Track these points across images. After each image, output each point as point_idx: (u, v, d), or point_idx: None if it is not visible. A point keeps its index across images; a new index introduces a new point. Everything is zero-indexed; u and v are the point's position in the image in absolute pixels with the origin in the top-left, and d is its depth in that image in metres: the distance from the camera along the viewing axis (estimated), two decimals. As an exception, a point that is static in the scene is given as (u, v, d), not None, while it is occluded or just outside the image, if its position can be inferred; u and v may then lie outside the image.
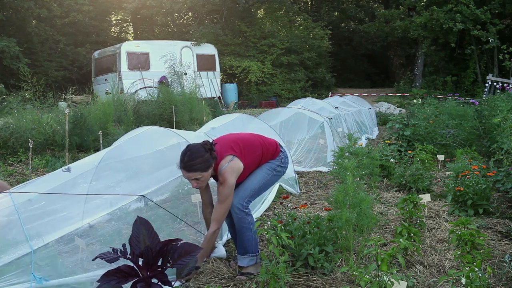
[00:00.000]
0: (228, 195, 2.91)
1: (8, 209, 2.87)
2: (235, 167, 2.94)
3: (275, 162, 3.21)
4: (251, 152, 3.08)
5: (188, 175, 2.85)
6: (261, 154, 3.13)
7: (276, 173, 3.22)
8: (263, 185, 3.14)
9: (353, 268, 2.51)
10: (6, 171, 6.27)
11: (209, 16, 22.75)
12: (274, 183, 3.32)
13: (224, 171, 2.90)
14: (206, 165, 2.83)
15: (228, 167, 2.91)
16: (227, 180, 2.89)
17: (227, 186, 2.89)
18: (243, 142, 3.11)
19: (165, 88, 11.63)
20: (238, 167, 2.96)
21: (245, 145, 3.08)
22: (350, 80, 26.40)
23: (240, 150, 3.02)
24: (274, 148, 3.23)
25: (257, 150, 3.12)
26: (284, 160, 3.27)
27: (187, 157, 2.81)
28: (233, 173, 2.92)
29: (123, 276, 2.13)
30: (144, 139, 4.10)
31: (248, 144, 3.11)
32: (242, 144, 3.08)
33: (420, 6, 20.14)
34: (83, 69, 19.25)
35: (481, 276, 2.38)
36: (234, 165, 2.94)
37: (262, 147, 3.15)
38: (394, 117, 8.57)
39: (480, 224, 3.90)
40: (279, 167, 3.22)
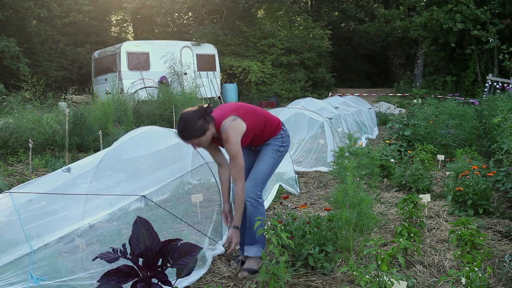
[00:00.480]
0: (235, 152, 2.97)
1: (8, 209, 2.87)
2: (238, 126, 2.99)
3: (277, 142, 3.26)
4: (254, 117, 3.13)
5: (185, 142, 2.97)
6: (264, 122, 3.18)
7: (280, 153, 3.28)
8: (271, 168, 3.23)
9: (353, 268, 2.51)
10: (6, 171, 6.27)
11: (209, 16, 22.74)
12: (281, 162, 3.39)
13: (226, 129, 2.95)
14: (200, 131, 2.90)
15: (230, 125, 2.97)
16: (230, 137, 2.95)
17: (231, 143, 2.95)
18: (246, 107, 3.20)
19: (165, 88, 11.63)
20: (241, 126, 3.01)
21: (248, 111, 3.15)
22: (350, 80, 26.39)
23: (243, 113, 3.08)
24: (276, 123, 3.28)
25: (260, 117, 3.19)
26: (286, 139, 3.30)
27: (181, 127, 2.91)
28: (235, 131, 2.97)
29: (123, 276, 2.13)
30: (144, 139, 4.10)
31: (251, 110, 3.18)
32: (245, 108, 3.17)
33: (420, 6, 20.14)
34: (83, 69, 19.24)
35: (481, 276, 2.38)
36: (236, 124, 2.99)
37: (265, 117, 3.21)
38: (394, 117, 8.57)
39: (480, 224, 3.90)
40: (281, 147, 3.27)
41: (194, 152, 3.93)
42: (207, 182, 4.48)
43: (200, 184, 4.60)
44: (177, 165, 4.15)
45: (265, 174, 3.19)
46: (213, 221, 3.68)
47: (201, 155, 3.84)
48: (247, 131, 3.05)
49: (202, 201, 3.83)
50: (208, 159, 3.85)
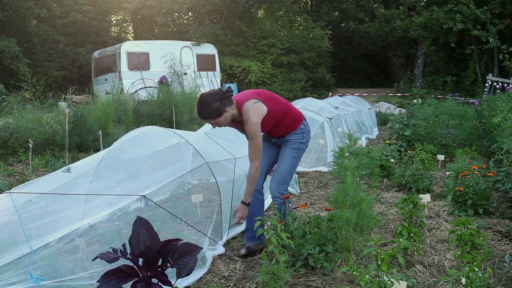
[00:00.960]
0: (254, 132, 3.09)
1: (8, 210, 2.87)
2: (259, 108, 3.11)
3: (297, 137, 3.37)
4: (275, 103, 3.25)
5: (203, 121, 3.23)
6: (285, 110, 3.29)
7: (300, 150, 3.41)
8: (293, 167, 3.38)
9: (353, 268, 2.51)
10: (6, 171, 6.27)
11: (209, 16, 22.74)
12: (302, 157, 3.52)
13: (247, 111, 3.09)
14: (216, 113, 3.06)
15: (251, 107, 3.09)
16: (250, 118, 3.07)
17: (251, 123, 3.07)
18: (268, 93, 3.32)
19: (165, 88, 11.63)
20: (262, 108, 3.12)
21: (269, 96, 3.28)
22: (350, 80, 26.39)
23: (264, 97, 3.21)
24: (298, 115, 3.40)
25: (281, 105, 3.30)
26: (306, 134, 3.41)
27: (198, 107, 3.09)
28: (256, 113, 3.09)
29: (123, 276, 2.12)
30: (144, 139, 4.10)
31: (272, 96, 3.30)
32: (267, 94, 3.29)
33: (420, 6, 20.14)
34: (83, 69, 19.23)
35: (481, 276, 2.38)
36: (257, 106, 3.11)
37: (286, 106, 3.33)
38: (394, 117, 8.57)
39: (480, 224, 3.90)
40: (301, 144, 3.38)
41: (194, 152, 3.94)
42: (207, 182, 4.47)
43: (200, 184, 4.60)
44: (177, 165, 4.14)
45: (287, 174, 3.35)
46: (213, 221, 3.69)
47: (201, 155, 3.84)
48: (268, 115, 3.15)
49: (202, 201, 3.83)
50: (208, 159, 3.86)
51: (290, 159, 3.35)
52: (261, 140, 3.13)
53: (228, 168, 4.17)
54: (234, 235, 3.82)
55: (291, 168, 3.37)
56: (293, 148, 3.36)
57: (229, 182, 4.03)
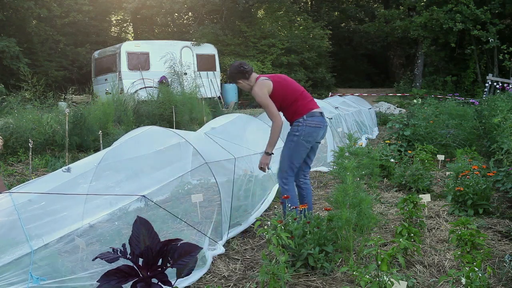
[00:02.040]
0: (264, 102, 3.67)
1: (8, 209, 2.87)
2: (264, 84, 3.71)
3: (292, 130, 3.75)
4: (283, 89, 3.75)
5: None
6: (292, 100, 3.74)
7: (295, 143, 3.70)
8: (289, 156, 3.71)
9: (353, 268, 2.51)
10: (6, 171, 6.27)
11: (209, 16, 22.74)
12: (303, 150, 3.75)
13: (254, 86, 3.76)
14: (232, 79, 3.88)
15: (258, 82, 3.74)
16: (256, 91, 3.70)
17: (256, 94, 3.70)
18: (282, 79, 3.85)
19: (165, 88, 11.62)
20: (268, 85, 3.71)
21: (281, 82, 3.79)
22: (350, 80, 26.38)
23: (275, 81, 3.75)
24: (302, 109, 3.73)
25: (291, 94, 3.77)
26: (301, 128, 3.69)
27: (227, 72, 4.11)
28: (261, 87, 3.69)
29: (123, 276, 2.12)
30: (144, 139, 4.10)
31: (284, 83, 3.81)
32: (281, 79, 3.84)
33: (420, 6, 20.13)
34: (83, 69, 19.23)
35: (481, 276, 2.38)
36: (263, 82, 3.72)
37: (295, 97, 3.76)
38: (394, 117, 8.57)
39: (480, 224, 3.90)
40: (295, 137, 3.71)
41: (194, 152, 3.94)
42: (207, 182, 4.48)
43: (200, 184, 4.60)
44: (177, 165, 4.15)
45: (284, 163, 3.73)
46: (213, 221, 3.69)
47: (201, 155, 3.84)
48: (273, 94, 3.69)
49: (202, 201, 3.83)
50: (208, 159, 3.86)
51: (286, 150, 3.74)
52: (272, 105, 3.65)
53: (228, 168, 4.17)
54: (234, 235, 3.82)
55: (287, 158, 3.71)
56: (288, 140, 3.75)
57: (229, 182, 4.03)
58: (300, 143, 3.68)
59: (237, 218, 3.95)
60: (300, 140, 3.67)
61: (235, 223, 3.90)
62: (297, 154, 3.70)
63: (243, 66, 3.80)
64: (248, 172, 4.76)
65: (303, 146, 3.70)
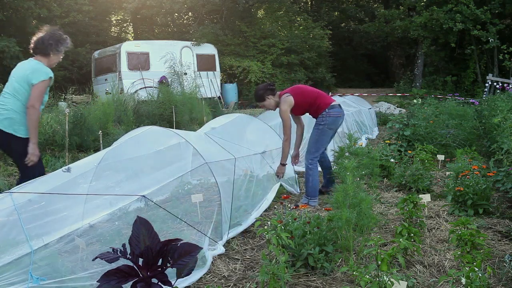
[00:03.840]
0: (284, 117, 4.66)
1: (8, 209, 2.87)
2: (288, 100, 4.66)
3: (318, 121, 4.72)
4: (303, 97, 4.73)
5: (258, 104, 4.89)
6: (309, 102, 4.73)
7: (320, 130, 4.72)
8: (316, 141, 4.74)
9: (353, 268, 2.51)
10: (6, 171, 6.27)
11: (209, 16, 22.74)
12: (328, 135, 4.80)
13: (280, 102, 4.70)
14: (260, 98, 4.77)
15: (282, 100, 4.68)
16: (280, 106, 4.68)
17: (281, 111, 4.66)
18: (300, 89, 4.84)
19: (165, 88, 11.62)
20: (290, 101, 4.66)
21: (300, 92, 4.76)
22: (350, 80, 26.39)
23: (294, 93, 4.72)
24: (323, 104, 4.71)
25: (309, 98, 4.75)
26: (325, 118, 4.69)
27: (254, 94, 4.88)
28: (285, 103, 4.65)
29: (123, 276, 2.12)
30: (144, 139, 4.10)
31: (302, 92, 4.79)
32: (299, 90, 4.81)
33: (420, 6, 20.14)
34: (83, 69, 19.23)
35: (481, 276, 2.38)
36: (287, 99, 4.67)
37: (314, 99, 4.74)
38: (394, 117, 8.57)
39: (480, 224, 3.90)
40: (320, 125, 4.71)
41: (194, 152, 3.94)
42: (207, 182, 4.47)
43: (200, 184, 4.60)
44: (177, 165, 4.15)
45: (311, 147, 4.75)
46: (213, 221, 3.69)
47: (201, 155, 3.84)
48: (296, 105, 4.68)
49: (202, 201, 3.83)
50: (208, 159, 3.86)
51: (313, 136, 4.75)
52: (289, 122, 4.66)
53: (228, 168, 4.17)
54: (234, 235, 3.82)
55: (314, 142, 4.72)
56: (315, 129, 4.74)
57: (229, 182, 4.03)
58: (325, 131, 4.69)
59: (237, 218, 3.95)
60: (325, 128, 4.68)
61: (236, 223, 3.90)
62: (323, 140, 4.75)
63: (270, 85, 4.77)
64: (248, 172, 4.76)
65: (327, 133, 4.72)
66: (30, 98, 3.70)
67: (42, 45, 3.82)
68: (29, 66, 3.80)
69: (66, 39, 3.94)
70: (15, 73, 3.85)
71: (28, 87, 3.72)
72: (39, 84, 3.71)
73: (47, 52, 3.83)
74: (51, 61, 3.88)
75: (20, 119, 3.72)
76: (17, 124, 3.72)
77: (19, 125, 3.72)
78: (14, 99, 3.73)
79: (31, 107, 3.69)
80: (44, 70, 3.77)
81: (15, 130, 3.71)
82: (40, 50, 3.83)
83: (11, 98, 3.74)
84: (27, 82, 3.72)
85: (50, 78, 3.80)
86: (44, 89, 3.75)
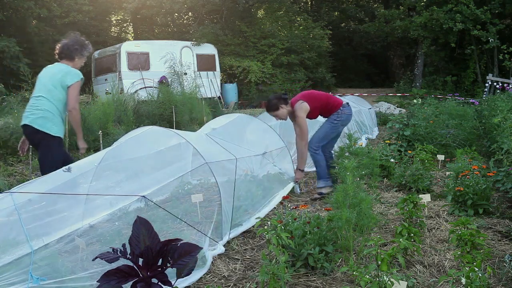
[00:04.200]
0: (301, 123, 4.86)
1: (8, 209, 2.87)
2: (303, 107, 4.87)
3: (333, 116, 4.99)
4: (316, 101, 4.96)
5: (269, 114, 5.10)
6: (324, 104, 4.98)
7: (333, 124, 5.01)
8: (325, 134, 5.00)
9: (353, 268, 2.51)
10: (6, 171, 6.27)
11: (209, 16, 22.73)
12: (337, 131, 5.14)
13: (296, 109, 4.90)
14: (274, 107, 4.94)
15: (298, 106, 4.88)
16: (298, 113, 4.87)
17: (298, 117, 4.87)
18: (312, 95, 5.06)
19: (165, 88, 11.61)
20: (306, 107, 4.88)
21: (311, 97, 4.99)
22: (350, 80, 26.39)
23: (307, 99, 4.94)
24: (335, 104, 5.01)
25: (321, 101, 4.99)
26: (340, 115, 4.99)
27: (266, 104, 5.08)
28: (301, 110, 4.86)
29: (123, 276, 2.12)
30: (145, 139, 4.10)
31: (313, 96, 5.01)
32: (311, 95, 5.04)
33: (420, 6, 20.13)
34: (83, 69, 19.11)
35: (481, 276, 2.38)
36: (302, 106, 4.88)
37: (326, 101, 5.02)
38: (394, 117, 8.56)
39: (480, 224, 3.90)
40: (335, 120, 5.00)
41: (194, 152, 3.94)
42: (207, 182, 4.48)
43: (200, 184, 4.60)
44: (177, 165, 4.15)
45: (321, 137, 4.99)
46: (213, 221, 3.69)
47: (201, 155, 3.84)
48: (311, 110, 4.90)
49: (202, 201, 3.83)
50: (208, 159, 3.86)
51: (324, 129, 5.02)
52: (306, 126, 4.89)
53: (228, 168, 4.17)
54: (235, 235, 3.82)
55: (323, 134, 4.98)
56: (328, 123, 5.01)
57: (229, 182, 4.03)
58: (338, 127, 5.04)
59: (238, 219, 3.95)
60: (338, 124, 5.00)
61: (236, 223, 3.90)
62: (331, 134, 5.03)
63: (284, 94, 5.03)
64: (248, 172, 4.76)
65: (339, 129, 5.10)
66: (69, 101, 4.05)
67: (68, 50, 4.19)
68: (59, 70, 4.11)
69: (89, 45, 4.39)
70: (44, 76, 4.14)
71: (61, 88, 4.05)
72: (74, 85, 4.07)
73: (73, 56, 4.21)
74: (76, 65, 4.24)
75: (52, 118, 4.04)
76: (50, 123, 4.03)
77: (52, 124, 4.04)
78: (47, 101, 4.03)
79: (73, 109, 4.08)
80: (75, 72, 4.14)
81: (48, 129, 4.03)
82: (66, 55, 4.19)
83: (44, 99, 4.04)
84: (60, 84, 4.04)
85: (82, 79, 4.17)
86: (79, 89, 4.12)
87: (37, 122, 4.01)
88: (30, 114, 4.06)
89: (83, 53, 4.28)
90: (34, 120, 4.01)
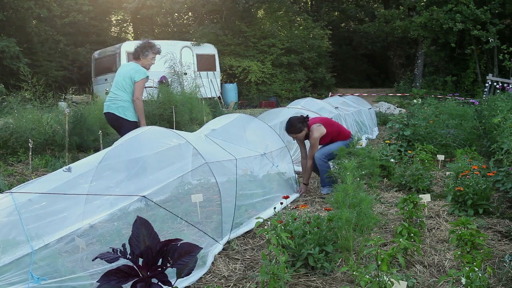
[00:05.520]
0: (314, 144, 5.13)
1: (8, 209, 2.87)
2: (320, 129, 5.13)
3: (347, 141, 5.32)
4: (331, 127, 5.26)
5: (288, 135, 5.24)
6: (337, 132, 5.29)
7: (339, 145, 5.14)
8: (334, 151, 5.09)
9: (353, 268, 2.51)
10: (6, 171, 6.27)
11: (209, 16, 22.74)
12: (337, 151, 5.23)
13: (313, 130, 5.12)
14: (298, 130, 5.09)
15: (315, 128, 5.12)
16: (313, 134, 5.11)
17: (313, 138, 5.11)
18: (328, 121, 5.42)
19: (165, 88, 11.60)
20: (322, 130, 5.13)
21: (327, 123, 5.30)
22: (350, 80, 26.41)
23: (324, 124, 5.22)
24: (347, 134, 5.41)
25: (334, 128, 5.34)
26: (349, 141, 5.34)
27: (287, 126, 5.14)
28: (318, 131, 5.10)
29: (123, 276, 2.12)
30: (145, 139, 4.10)
31: (330, 123, 5.35)
32: (327, 122, 5.36)
33: (420, 6, 20.14)
34: (83, 69, 19.24)
35: (481, 276, 2.38)
36: (319, 128, 5.13)
37: (337, 129, 5.35)
38: (394, 117, 8.57)
39: (480, 224, 3.90)
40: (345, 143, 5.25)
41: (194, 152, 3.94)
42: (207, 182, 4.48)
43: (200, 184, 4.60)
44: (177, 165, 4.14)
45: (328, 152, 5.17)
46: (213, 221, 3.68)
47: (201, 155, 3.84)
48: (326, 134, 5.15)
49: (202, 201, 3.83)
50: (208, 159, 3.86)
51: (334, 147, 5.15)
52: (317, 148, 5.17)
53: (228, 168, 4.17)
54: (235, 235, 3.82)
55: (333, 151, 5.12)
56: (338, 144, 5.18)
57: (229, 182, 4.03)
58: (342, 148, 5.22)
59: (238, 218, 3.95)
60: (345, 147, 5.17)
61: (236, 223, 3.90)
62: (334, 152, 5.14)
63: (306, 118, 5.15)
64: (248, 172, 4.76)
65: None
66: (135, 93, 4.95)
67: (135, 52, 5.13)
68: (131, 68, 5.04)
69: (153, 46, 5.22)
70: (120, 73, 5.09)
71: (131, 83, 4.96)
72: (140, 81, 4.97)
73: (138, 56, 5.12)
74: (142, 63, 5.11)
75: (128, 106, 4.98)
76: (127, 111, 4.98)
77: (128, 111, 4.98)
78: (124, 92, 4.97)
79: (137, 99, 4.96)
80: (142, 71, 5.04)
81: (126, 115, 4.97)
82: (134, 56, 5.15)
83: (121, 91, 4.97)
84: (131, 79, 4.96)
85: (147, 76, 5.06)
86: (143, 85, 5.03)
87: (118, 110, 4.95)
88: (112, 104, 5.00)
89: (145, 53, 5.12)
90: (116, 109, 4.96)
